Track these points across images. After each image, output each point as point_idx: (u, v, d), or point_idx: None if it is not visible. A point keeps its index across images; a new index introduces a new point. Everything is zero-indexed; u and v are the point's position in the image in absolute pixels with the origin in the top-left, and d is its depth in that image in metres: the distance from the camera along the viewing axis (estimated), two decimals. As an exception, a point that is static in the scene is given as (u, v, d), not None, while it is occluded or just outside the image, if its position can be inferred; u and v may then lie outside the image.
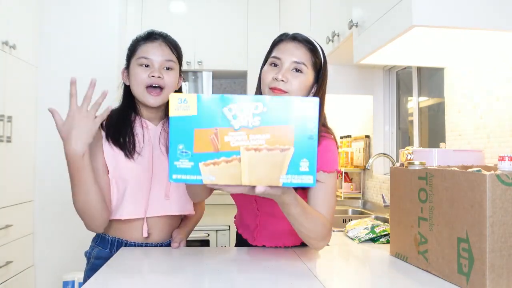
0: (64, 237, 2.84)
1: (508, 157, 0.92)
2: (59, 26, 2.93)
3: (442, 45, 1.46)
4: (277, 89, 1.10)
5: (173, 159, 0.73)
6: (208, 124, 0.71)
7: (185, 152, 0.72)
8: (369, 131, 2.67)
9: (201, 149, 0.72)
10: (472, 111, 1.66)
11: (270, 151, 0.71)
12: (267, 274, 0.99)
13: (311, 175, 0.73)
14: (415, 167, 1.08)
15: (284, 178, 0.73)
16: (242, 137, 0.71)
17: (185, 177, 0.73)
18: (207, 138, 0.71)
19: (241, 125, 0.71)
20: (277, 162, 0.72)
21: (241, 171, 0.72)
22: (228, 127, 0.71)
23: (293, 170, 0.73)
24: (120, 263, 1.07)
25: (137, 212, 1.23)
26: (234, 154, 0.72)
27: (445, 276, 0.94)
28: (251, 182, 0.73)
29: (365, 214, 2.44)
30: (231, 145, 0.71)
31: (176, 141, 0.72)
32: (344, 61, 2.36)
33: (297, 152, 0.72)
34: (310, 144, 0.72)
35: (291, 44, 1.14)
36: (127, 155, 1.22)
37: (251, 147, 0.71)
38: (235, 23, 3.53)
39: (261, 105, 0.71)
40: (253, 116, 0.71)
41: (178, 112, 0.72)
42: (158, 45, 1.26)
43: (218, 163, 0.72)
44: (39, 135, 2.88)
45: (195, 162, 0.72)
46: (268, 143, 0.71)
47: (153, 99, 1.24)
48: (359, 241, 1.41)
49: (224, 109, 0.71)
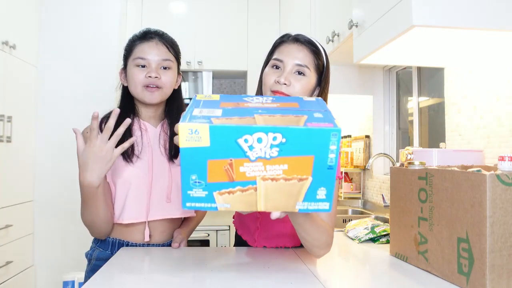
0: (64, 237, 2.84)
1: (508, 157, 0.92)
2: (59, 26, 2.93)
3: (442, 45, 1.46)
4: (279, 93, 1.08)
5: (186, 188, 0.71)
6: (222, 155, 0.67)
7: (199, 182, 0.70)
8: (369, 131, 2.67)
9: (215, 179, 0.69)
10: (472, 111, 1.66)
11: (287, 180, 0.69)
12: (267, 274, 0.99)
13: (328, 202, 0.72)
14: (415, 167, 1.08)
15: (300, 205, 0.72)
16: (258, 168, 0.68)
17: (199, 204, 0.72)
18: (221, 168, 0.68)
19: (258, 156, 0.67)
20: (294, 190, 0.71)
21: (257, 199, 0.71)
22: (243, 158, 0.67)
23: (310, 198, 0.71)
24: (121, 262, 1.07)
25: (139, 216, 1.23)
26: (250, 184, 0.69)
27: (445, 276, 0.94)
28: (267, 208, 0.73)
29: (365, 214, 2.44)
30: (247, 175, 0.69)
31: (189, 172, 0.69)
32: (344, 61, 2.36)
33: (315, 181, 0.70)
34: (329, 173, 0.70)
35: (293, 46, 1.12)
36: (126, 159, 1.22)
37: (268, 177, 0.69)
38: (235, 23, 3.53)
39: (280, 136, 0.66)
40: (271, 147, 0.67)
41: (189, 143, 0.66)
42: (155, 44, 1.25)
43: (233, 192, 0.70)
44: (39, 135, 2.88)
45: (209, 192, 0.70)
46: (286, 173, 0.69)
47: (151, 95, 1.23)
48: (359, 241, 1.41)
49: (239, 140, 0.66)
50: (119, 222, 1.21)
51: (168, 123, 1.32)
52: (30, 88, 2.81)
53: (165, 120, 1.33)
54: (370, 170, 2.60)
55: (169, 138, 1.30)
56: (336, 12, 2.16)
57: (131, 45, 1.27)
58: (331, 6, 2.26)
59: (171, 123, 1.32)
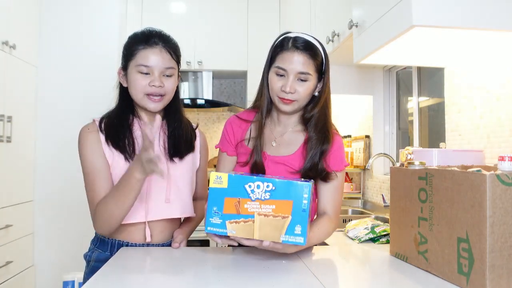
0: (64, 237, 2.84)
1: (508, 157, 0.92)
2: (59, 26, 2.93)
3: (442, 45, 1.46)
4: (285, 100, 1.20)
5: (209, 216, 1.00)
6: (234, 195, 0.99)
7: (217, 212, 1.00)
8: (369, 131, 2.67)
9: (228, 211, 0.99)
10: (472, 111, 1.66)
11: (275, 217, 0.98)
12: (267, 274, 0.99)
13: (302, 237, 0.98)
14: (415, 167, 1.08)
15: (283, 237, 0.98)
16: (256, 206, 0.98)
17: (215, 229, 1.00)
18: (232, 204, 0.99)
19: (256, 197, 0.98)
20: (279, 225, 0.98)
21: (254, 229, 0.98)
22: (247, 198, 0.99)
23: (290, 232, 0.98)
24: (120, 263, 1.07)
25: (138, 216, 1.22)
26: (250, 217, 0.99)
27: (445, 276, 0.94)
28: (260, 237, 0.99)
29: (365, 214, 2.44)
30: (248, 211, 0.98)
31: (212, 204, 1.00)
32: (344, 61, 2.36)
33: (293, 219, 0.98)
34: (303, 214, 0.98)
35: (294, 54, 1.18)
36: (127, 159, 1.22)
37: (262, 213, 0.98)
38: (235, 23, 3.53)
39: (271, 185, 0.98)
40: (265, 192, 0.98)
41: (215, 185, 1.00)
42: (159, 51, 1.21)
43: (238, 222, 0.99)
44: (39, 135, 2.88)
45: (223, 220, 0.99)
46: (274, 211, 0.98)
47: (153, 104, 1.22)
48: (359, 241, 1.41)
49: (245, 185, 0.99)
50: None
51: (167, 123, 1.32)
52: (30, 88, 2.81)
53: (164, 120, 1.33)
54: (370, 170, 2.60)
55: (168, 138, 1.30)
56: (336, 12, 2.16)
57: (132, 47, 1.23)
58: (331, 6, 2.26)
59: (170, 123, 1.32)
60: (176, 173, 1.28)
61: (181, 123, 1.32)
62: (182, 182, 1.30)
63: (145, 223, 1.24)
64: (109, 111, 1.28)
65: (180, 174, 1.29)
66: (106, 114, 1.27)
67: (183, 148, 1.31)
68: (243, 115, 1.32)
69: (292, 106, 1.21)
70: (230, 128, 1.31)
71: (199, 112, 3.84)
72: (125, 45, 1.26)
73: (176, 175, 1.28)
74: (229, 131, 1.31)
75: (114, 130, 1.23)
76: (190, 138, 1.35)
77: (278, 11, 3.58)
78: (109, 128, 1.23)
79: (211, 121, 3.87)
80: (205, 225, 1.01)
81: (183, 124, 1.33)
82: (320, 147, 1.21)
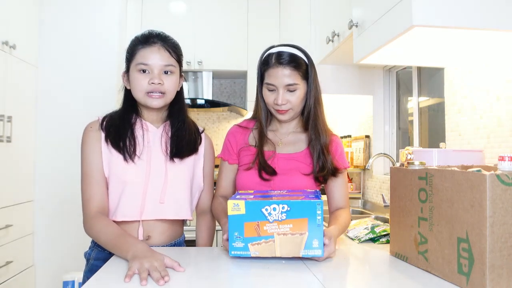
0: (64, 237, 2.84)
1: (508, 157, 0.92)
2: (59, 26, 2.93)
3: (442, 45, 1.46)
4: (281, 110, 1.31)
5: (231, 241, 1.07)
6: (253, 219, 1.06)
7: (239, 237, 1.07)
8: (369, 131, 2.67)
9: (249, 234, 1.07)
10: (472, 111, 1.66)
11: (293, 235, 1.06)
12: (266, 274, 0.99)
13: (320, 249, 1.06)
14: (415, 167, 1.08)
15: (303, 252, 1.06)
16: (275, 227, 1.06)
17: (239, 252, 1.07)
18: (252, 227, 1.06)
19: (274, 219, 1.06)
20: (298, 241, 1.06)
21: (275, 248, 1.06)
22: (265, 220, 1.06)
23: (308, 246, 1.06)
24: (120, 263, 1.07)
25: (132, 214, 1.23)
26: (270, 238, 1.06)
27: (445, 276, 0.94)
28: (282, 254, 1.07)
29: (365, 214, 2.44)
30: (268, 232, 1.06)
31: (233, 230, 1.07)
32: (344, 61, 2.36)
33: (310, 235, 1.05)
34: (318, 229, 1.05)
35: (278, 69, 1.27)
36: (126, 158, 1.22)
37: (281, 232, 1.06)
38: (235, 23, 3.53)
39: (286, 206, 1.05)
40: (281, 213, 1.05)
41: (233, 212, 1.07)
42: (157, 49, 1.23)
43: (260, 243, 1.07)
44: (39, 135, 2.88)
45: (245, 243, 1.07)
46: (292, 230, 1.06)
47: (155, 101, 1.23)
48: (359, 241, 1.41)
49: (262, 209, 1.06)
50: (112, 219, 1.21)
51: (170, 123, 1.32)
52: (30, 88, 2.81)
53: (168, 121, 1.33)
54: (370, 170, 2.60)
55: (170, 139, 1.30)
56: (336, 12, 2.16)
57: (133, 48, 1.25)
58: (331, 6, 2.26)
59: (173, 124, 1.32)
60: (174, 174, 1.28)
61: (184, 124, 1.32)
62: (180, 184, 1.29)
63: (139, 222, 1.24)
64: (114, 110, 1.30)
65: (178, 175, 1.29)
66: (110, 113, 1.29)
67: (185, 149, 1.30)
68: (243, 123, 1.43)
69: (288, 114, 1.32)
70: (232, 138, 1.40)
71: (199, 112, 3.84)
72: (127, 49, 1.29)
73: (174, 176, 1.28)
74: (231, 140, 1.40)
75: (115, 130, 1.24)
76: (194, 139, 1.34)
77: (278, 11, 3.58)
78: (110, 127, 1.24)
79: (211, 121, 3.87)
80: (229, 250, 1.08)
81: (186, 124, 1.33)
82: (319, 142, 1.33)
